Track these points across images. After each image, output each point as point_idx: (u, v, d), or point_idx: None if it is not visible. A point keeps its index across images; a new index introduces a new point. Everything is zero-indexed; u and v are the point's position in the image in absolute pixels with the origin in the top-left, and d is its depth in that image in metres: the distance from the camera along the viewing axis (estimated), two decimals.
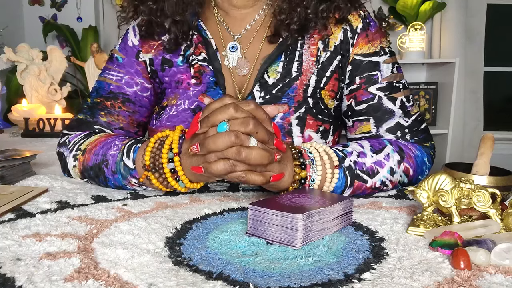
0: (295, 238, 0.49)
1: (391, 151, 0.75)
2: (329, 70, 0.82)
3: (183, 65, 0.84)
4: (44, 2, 2.88)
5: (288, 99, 0.80)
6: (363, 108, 0.82)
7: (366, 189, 0.72)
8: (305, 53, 0.82)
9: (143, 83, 0.88)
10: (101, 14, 2.91)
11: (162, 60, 0.86)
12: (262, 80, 0.81)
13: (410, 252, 0.48)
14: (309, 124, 0.80)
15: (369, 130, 0.81)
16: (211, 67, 0.82)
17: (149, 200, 0.68)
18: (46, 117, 1.88)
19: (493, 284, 0.41)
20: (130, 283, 0.40)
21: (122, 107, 0.87)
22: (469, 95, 2.88)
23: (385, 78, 0.82)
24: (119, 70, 0.88)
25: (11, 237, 0.51)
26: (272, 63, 0.81)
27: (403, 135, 0.80)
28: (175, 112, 0.82)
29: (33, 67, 2.11)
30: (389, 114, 0.81)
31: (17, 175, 0.84)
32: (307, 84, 0.81)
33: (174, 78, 0.84)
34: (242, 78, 0.83)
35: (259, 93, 0.80)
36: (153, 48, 0.87)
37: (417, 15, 2.84)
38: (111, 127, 0.86)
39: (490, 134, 0.61)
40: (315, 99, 0.81)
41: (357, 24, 0.83)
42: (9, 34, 2.47)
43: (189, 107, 0.81)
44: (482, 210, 0.53)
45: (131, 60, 0.88)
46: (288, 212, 0.50)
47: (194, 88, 0.82)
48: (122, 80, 0.88)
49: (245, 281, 0.41)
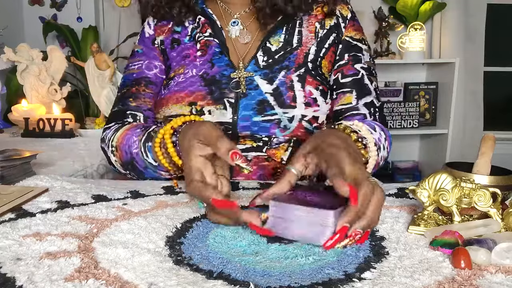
0: (324, 235, 0.48)
1: (380, 130, 0.83)
2: (327, 43, 0.91)
3: (189, 42, 0.92)
4: (44, 2, 2.88)
5: (289, 62, 0.88)
6: (348, 81, 0.90)
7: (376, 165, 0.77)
8: (303, 30, 0.91)
9: (160, 65, 0.95)
10: (101, 14, 2.90)
11: (172, 40, 0.94)
12: (265, 47, 0.89)
13: (410, 251, 0.48)
14: (308, 82, 0.87)
15: (350, 101, 0.89)
16: (216, 40, 0.90)
17: (149, 199, 0.68)
18: (46, 117, 1.88)
19: (494, 284, 0.41)
20: (130, 283, 0.40)
21: (146, 90, 0.94)
22: (469, 95, 2.88)
23: (366, 61, 0.93)
24: (139, 59, 0.96)
25: (12, 237, 0.51)
26: (274, 34, 0.90)
27: (374, 113, 0.90)
28: (183, 79, 0.88)
29: (33, 67, 2.11)
30: (367, 91, 0.91)
31: (17, 175, 0.84)
32: (307, 52, 0.90)
33: (182, 53, 0.92)
34: (244, 46, 0.91)
35: (262, 57, 0.88)
36: (164, 31, 0.95)
37: (417, 15, 2.84)
38: (141, 110, 0.92)
39: (491, 134, 0.61)
40: (315, 64, 0.90)
41: (347, 14, 0.94)
42: (9, 34, 2.47)
43: (197, 74, 0.88)
44: (483, 210, 0.53)
45: (149, 47, 0.96)
46: (320, 209, 0.49)
47: (200, 59, 0.90)
48: (143, 66, 0.95)
49: (245, 280, 0.41)
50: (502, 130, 3.10)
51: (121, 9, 2.80)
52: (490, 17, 2.92)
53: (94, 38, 2.67)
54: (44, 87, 2.12)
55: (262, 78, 0.86)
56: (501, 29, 3.07)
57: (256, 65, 0.88)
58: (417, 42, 2.77)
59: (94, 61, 2.12)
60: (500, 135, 2.95)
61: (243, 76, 0.86)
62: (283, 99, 0.85)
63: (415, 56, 2.78)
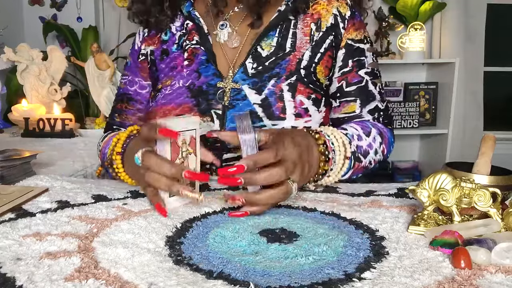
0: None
1: (376, 134, 0.84)
2: (323, 47, 0.87)
3: (177, 51, 0.91)
4: (44, 2, 2.88)
5: (280, 69, 0.84)
6: (352, 90, 0.88)
7: (359, 169, 0.79)
8: (298, 32, 0.87)
9: (140, 80, 0.97)
10: (101, 14, 2.90)
11: (162, 51, 0.93)
12: (256, 53, 0.85)
13: (410, 251, 0.48)
14: (300, 91, 0.83)
15: (354, 110, 0.88)
16: (202, 47, 0.88)
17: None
18: (46, 117, 1.88)
19: (494, 284, 0.41)
20: (130, 283, 0.40)
21: (128, 107, 0.98)
22: (469, 95, 2.88)
23: (369, 64, 0.90)
24: (127, 73, 1.00)
25: (12, 237, 0.51)
26: (265, 37, 0.86)
27: (378, 117, 0.89)
28: (170, 91, 0.87)
29: (33, 67, 2.11)
30: (372, 97, 0.89)
31: (17, 175, 0.84)
32: (300, 58, 0.86)
33: (170, 64, 0.90)
34: (233, 51, 0.88)
35: (252, 65, 0.85)
36: (155, 42, 0.95)
37: (417, 15, 2.84)
38: (124, 125, 0.98)
39: (491, 134, 0.61)
40: (308, 71, 0.86)
41: (346, 12, 0.89)
42: (9, 34, 2.47)
43: (184, 85, 0.86)
44: (483, 210, 0.53)
45: (135, 61, 0.98)
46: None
47: (187, 69, 0.87)
48: (127, 82, 0.99)
49: (245, 280, 0.41)
50: (502, 130, 3.10)
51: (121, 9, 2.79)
52: (490, 17, 2.92)
53: (94, 38, 2.67)
54: (44, 87, 2.12)
55: (250, 87, 0.83)
56: (501, 29, 3.07)
57: (244, 73, 0.84)
58: (417, 42, 2.77)
59: (94, 61, 2.12)
60: (500, 135, 2.94)
61: (229, 87, 0.83)
62: (272, 111, 0.81)
63: (415, 56, 2.78)
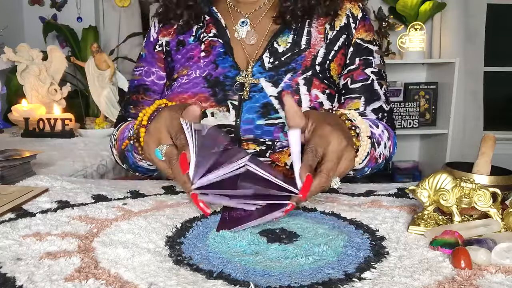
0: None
1: (383, 129, 0.84)
2: (337, 45, 0.89)
3: (194, 42, 0.92)
4: (44, 2, 2.88)
5: (296, 65, 0.86)
6: (357, 87, 0.89)
7: (372, 159, 0.78)
8: (313, 31, 0.89)
9: (158, 71, 0.96)
10: (101, 14, 2.90)
11: (177, 42, 0.94)
12: (272, 48, 0.87)
13: (410, 251, 0.48)
14: (315, 85, 0.85)
15: (358, 107, 0.89)
16: (220, 40, 0.89)
17: (149, 199, 0.68)
18: (46, 117, 1.89)
19: (494, 284, 0.41)
20: (130, 283, 0.40)
21: (145, 97, 0.96)
22: (469, 95, 2.88)
23: (376, 64, 0.91)
24: (141, 64, 0.98)
25: (12, 237, 0.51)
26: (281, 34, 0.88)
27: (382, 118, 0.90)
28: (186, 80, 0.88)
29: (33, 67, 2.11)
30: (377, 96, 0.90)
31: (17, 175, 0.84)
32: (315, 55, 0.87)
33: (186, 55, 0.91)
34: (252, 47, 0.90)
35: (268, 59, 0.87)
36: (170, 33, 0.95)
37: (417, 15, 2.84)
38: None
39: (492, 134, 0.61)
40: (323, 67, 0.87)
41: (358, 13, 0.92)
42: (9, 34, 2.47)
43: (201, 75, 0.87)
44: (483, 210, 0.53)
45: (151, 52, 0.97)
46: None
47: (204, 60, 0.89)
48: (143, 72, 0.98)
49: (245, 280, 0.41)
50: (502, 130, 3.10)
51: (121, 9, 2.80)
52: (490, 17, 2.92)
53: (94, 38, 2.67)
54: (44, 87, 2.12)
55: (267, 80, 0.85)
56: (501, 29, 3.07)
57: (261, 66, 0.86)
58: (417, 42, 2.77)
59: (94, 61, 2.12)
60: (500, 135, 2.95)
61: (249, 81, 0.85)
62: None
63: (415, 56, 2.78)
